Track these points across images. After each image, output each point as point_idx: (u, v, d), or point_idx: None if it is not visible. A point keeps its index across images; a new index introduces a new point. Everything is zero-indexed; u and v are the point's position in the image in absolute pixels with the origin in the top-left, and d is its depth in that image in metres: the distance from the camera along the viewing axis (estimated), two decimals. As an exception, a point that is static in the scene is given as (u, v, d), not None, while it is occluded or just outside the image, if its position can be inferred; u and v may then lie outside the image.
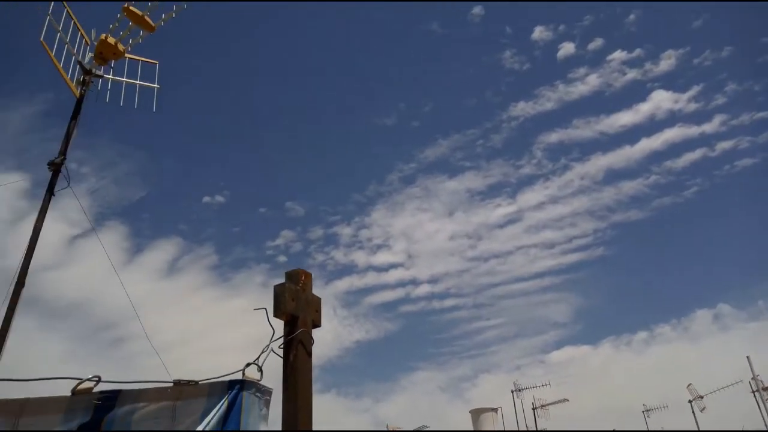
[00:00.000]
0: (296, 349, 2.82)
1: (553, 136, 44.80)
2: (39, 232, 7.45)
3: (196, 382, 2.32)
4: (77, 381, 1.91)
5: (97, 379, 1.97)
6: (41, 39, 7.44)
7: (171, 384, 2.25)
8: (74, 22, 8.21)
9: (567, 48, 42.90)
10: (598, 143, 48.43)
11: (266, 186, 51.70)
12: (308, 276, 3.08)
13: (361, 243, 45.58)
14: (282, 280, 3.02)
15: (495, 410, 22.05)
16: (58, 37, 7.72)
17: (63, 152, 7.86)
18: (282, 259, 45.40)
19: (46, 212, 7.58)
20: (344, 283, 43.27)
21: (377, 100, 51.69)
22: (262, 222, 48.31)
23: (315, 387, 2.88)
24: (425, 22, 47.64)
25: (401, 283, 48.88)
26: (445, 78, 50.72)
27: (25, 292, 7.47)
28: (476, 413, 22.08)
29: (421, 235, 47.24)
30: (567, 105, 45.39)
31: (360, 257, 44.63)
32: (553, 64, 44.65)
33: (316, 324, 3.03)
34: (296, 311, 2.92)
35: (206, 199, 45.06)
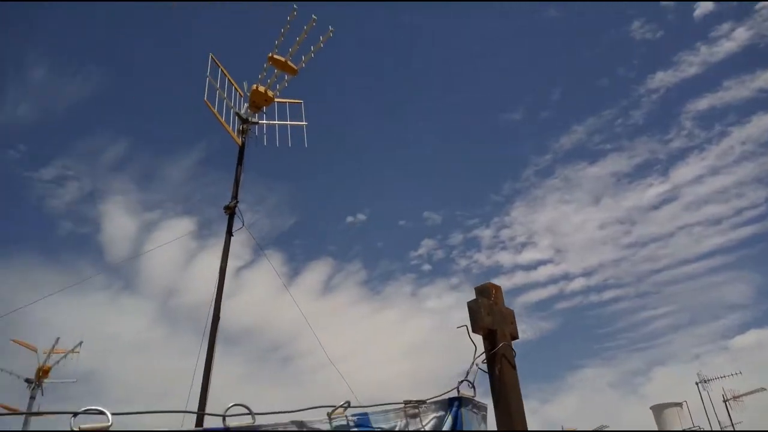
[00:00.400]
0: (500, 363, 2.86)
1: (703, 103, 40.82)
2: (225, 271, 8.29)
3: (424, 402, 2.49)
4: (332, 407, 2.15)
5: (347, 404, 2.21)
6: (204, 99, 8.35)
7: (402, 405, 2.43)
8: (228, 79, 9.12)
9: (704, 6, 38.99)
10: (757, 102, 43.25)
11: (402, 199, 52.93)
12: (498, 289, 3.11)
13: (503, 243, 44.78)
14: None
15: (680, 405, 20.31)
16: (217, 95, 8.63)
17: (234, 196, 8.71)
18: (426, 267, 46.01)
19: (228, 251, 8.44)
20: (492, 286, 42.61)
21: (500, 96, 50.74)
22: (403, 234, 49.48)
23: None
24: (541, 10, 45.98)
25: (552, 280, 47.20)
26: (570, 63, 48.51)
27: (207, 322, 8.37)
28: (658, 409, 20.50)
29: (568, 227, 45.28)
30: (713, 66, 41.18)
31: (505, 258, 43.85)
32: (690, 25, 40.81)
33: (514, 336, 3.05)
34: (493, 325, 2.96)
35: (349, 219, 47.27)
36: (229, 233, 8.54)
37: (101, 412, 1.61)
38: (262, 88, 8.86)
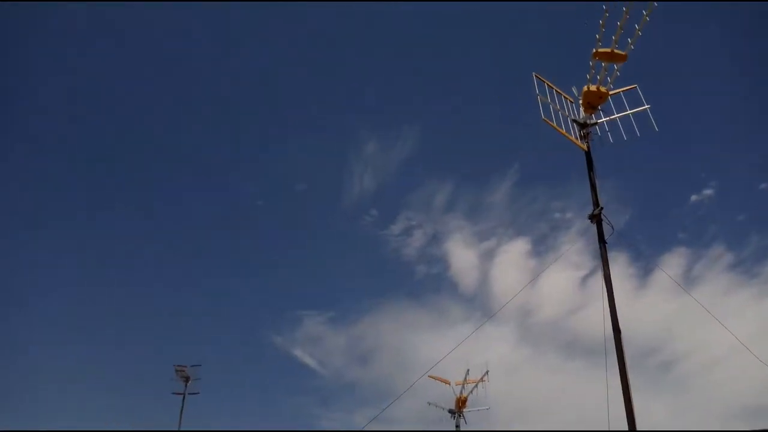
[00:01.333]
0: None
1: None
2: (610, 280, 7.99)
3: None
4: None
5: None
6: (543, 117, 8.40)
7: None
8: (555, 90, 9.06)
9: None
10: None
11: (755, 157, 44.49)
12: None
13: None
14: None
15: None
16: (551, 109, 8.61)
17: (596, 203, 8.44)
18: (817, 229, 37.34)
19: (607, 261, 8.14)
20: None
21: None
22: (768, 198, 41.38)
23: None
24: None
25: None
26: None
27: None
28: None
29: None
30: None
31: None
32: None
33: None
34: None
35: (694, 197, 41.79)
36: (602, 241, 8.28)
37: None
38: (593, 87, 8.54)
